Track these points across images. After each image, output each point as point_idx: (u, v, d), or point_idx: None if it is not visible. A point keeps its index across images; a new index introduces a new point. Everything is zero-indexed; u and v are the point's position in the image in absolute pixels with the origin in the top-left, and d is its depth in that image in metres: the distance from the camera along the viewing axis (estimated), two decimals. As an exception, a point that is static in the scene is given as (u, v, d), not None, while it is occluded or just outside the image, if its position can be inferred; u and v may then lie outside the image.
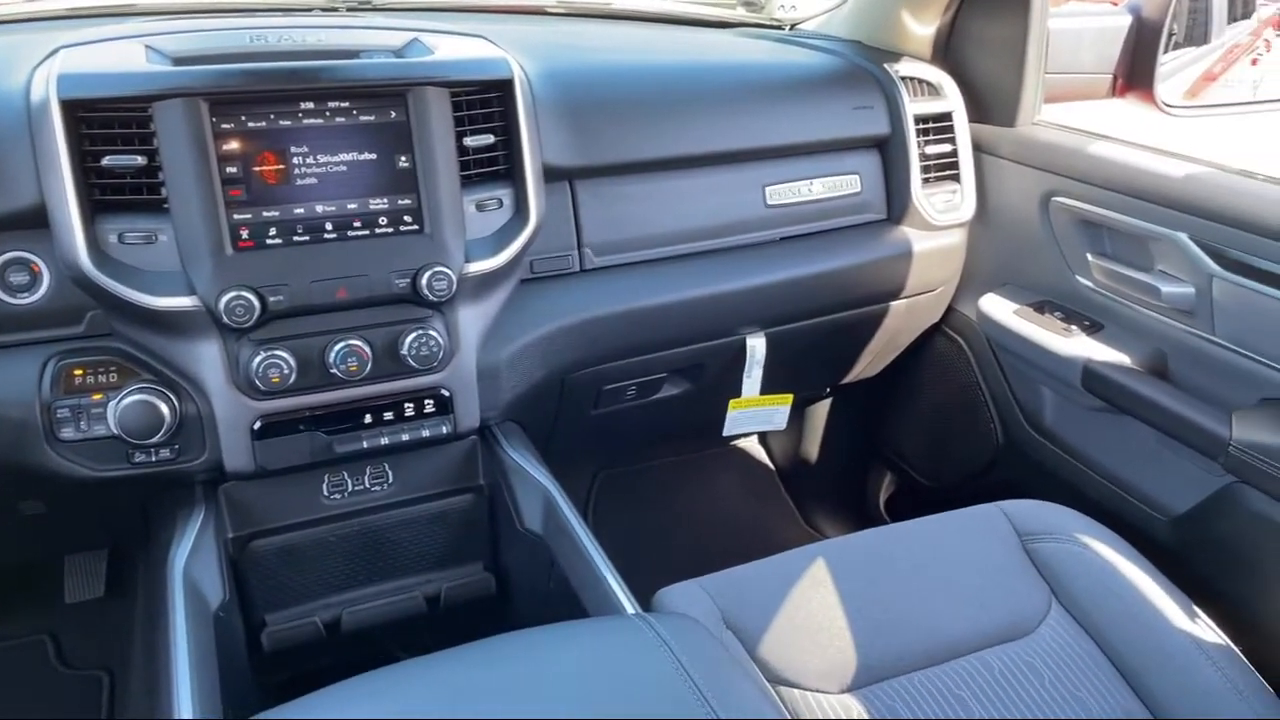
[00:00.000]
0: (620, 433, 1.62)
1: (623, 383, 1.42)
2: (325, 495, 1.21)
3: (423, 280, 1.09)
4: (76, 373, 1.05)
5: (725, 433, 1.61)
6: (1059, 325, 1.43)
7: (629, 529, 1.94)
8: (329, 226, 1.07)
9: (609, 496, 1.98)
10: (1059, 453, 1.49)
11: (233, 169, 1.02)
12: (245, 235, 1.04)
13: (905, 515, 1.23)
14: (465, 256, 1.13)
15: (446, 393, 1.18)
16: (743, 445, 2.17)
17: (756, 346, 1.46)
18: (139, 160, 1.00)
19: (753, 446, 2.18)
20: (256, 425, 1.10)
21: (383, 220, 1.09)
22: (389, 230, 1.10)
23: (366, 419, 1.15)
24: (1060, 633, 1.05)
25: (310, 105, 1.05)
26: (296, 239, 1.06)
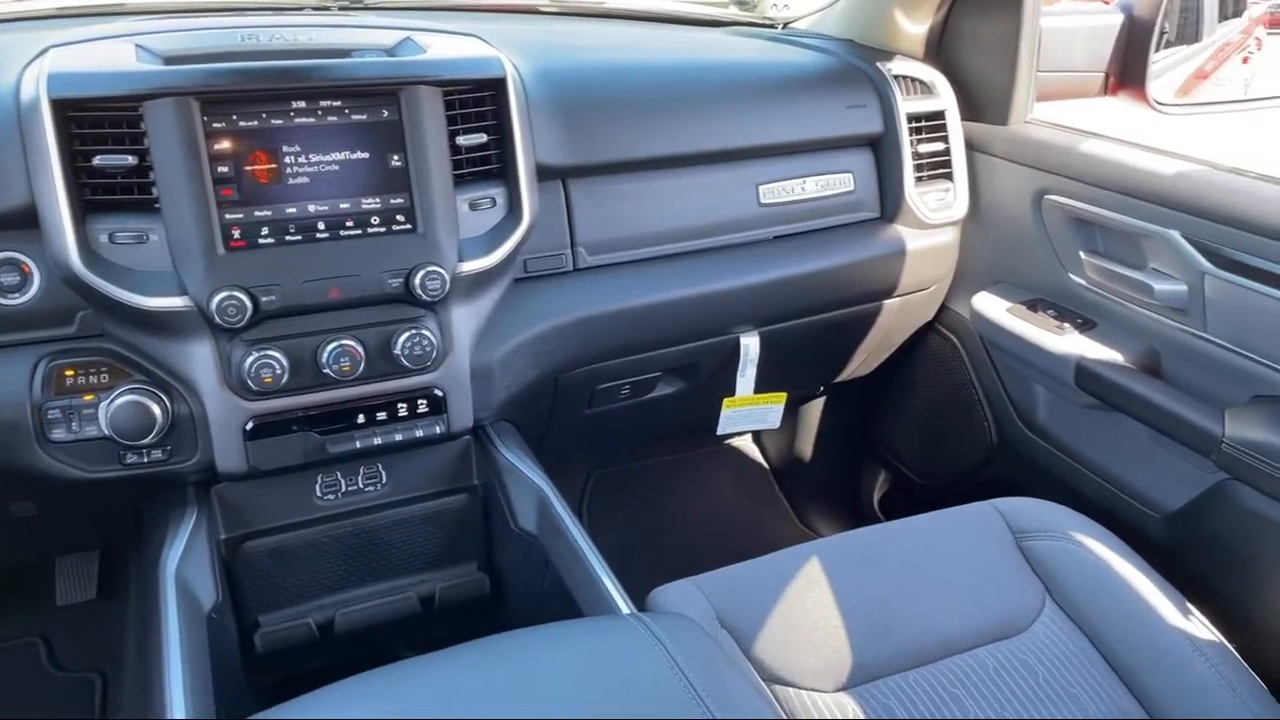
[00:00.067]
0: (614, 432, 1.62)
1: (617, 382, 1.42)
2: (318, 496, 1.21)
3: (416, 280, 1.09)
4: (68, 373, 1.05)
5: (719, 431, 1.61)
6: (1052, 323, 1.43)
7: (623, 528, 1.94)
8: (321, 226, 1.07)
9: (603, 496, 1.98)
10: (1052, 450, 1.50)
11: (224, 168, 1.02)
12: (237, 235, 1.03)
13: (899, 514, 1.23)
14: (458, 256, 1.13)
15: (440, 392, 1.17)
16: (737, 444, 2.17)
17: (750, 345, 1.46)
18: (130, 160, 0.99)
19: (747, 445, 2.18)
20: (249, 426, 1.09)
21: (375, 220, 1.09)
22: (381, 230, 1.10)
23: (359, 419, 1.14)
24: (1054, 630, 1.05)
25: (302, 104, 1.05)
26: (289, 239, 1.06)
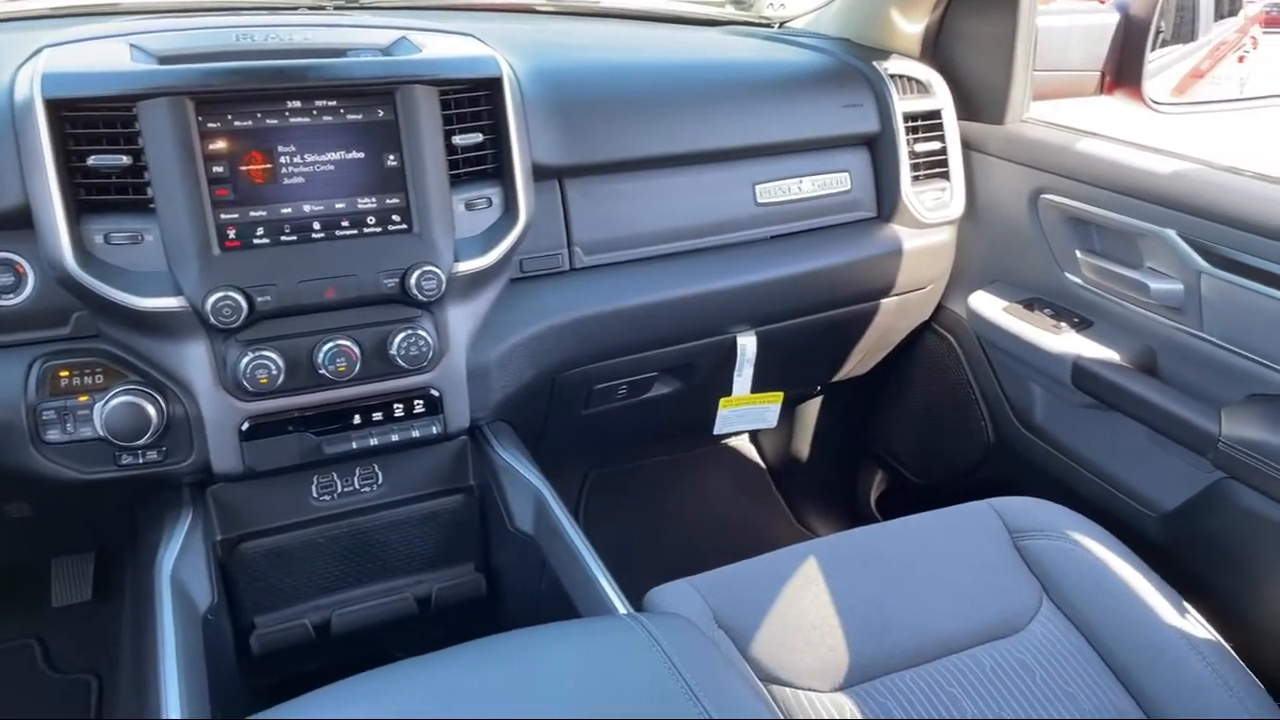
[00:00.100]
0: (611, 432, 1.62)
1: (613, 382, 1.42)
2: (314, 496, 1.21)
3: (411, 280, 1.08)
4: (62, 374, 1.04)
5: (716, 431, 1.61)
6: (1048, 322, 1.43)
7: (620, 528, 1.94)
8: (317, 226, 1.07)
9: (600, 496, 1.98)
10: (1049, 450, 1.50)
11: (219, 168, 1.02)
12: (232, 235, 1.03)
13: (896, 513, 1.23)
14: (454, 256, 1.13)
15: (436, 393, 1.17)
16: (734, 444, 2.17)
17: (747, 345, 1.46)
18: (124, 160, 0.99)
19: (744, 445, 2.18)
20: (244, 426, 1.09)
21: (371, 220, 1.09)
22: (377, 230, 1.09)
23: (355, 419, 1.14)
24: (1051, 629, 1.05)
25: (297, 104, 1.04)
26: (284, 239, 1.05)
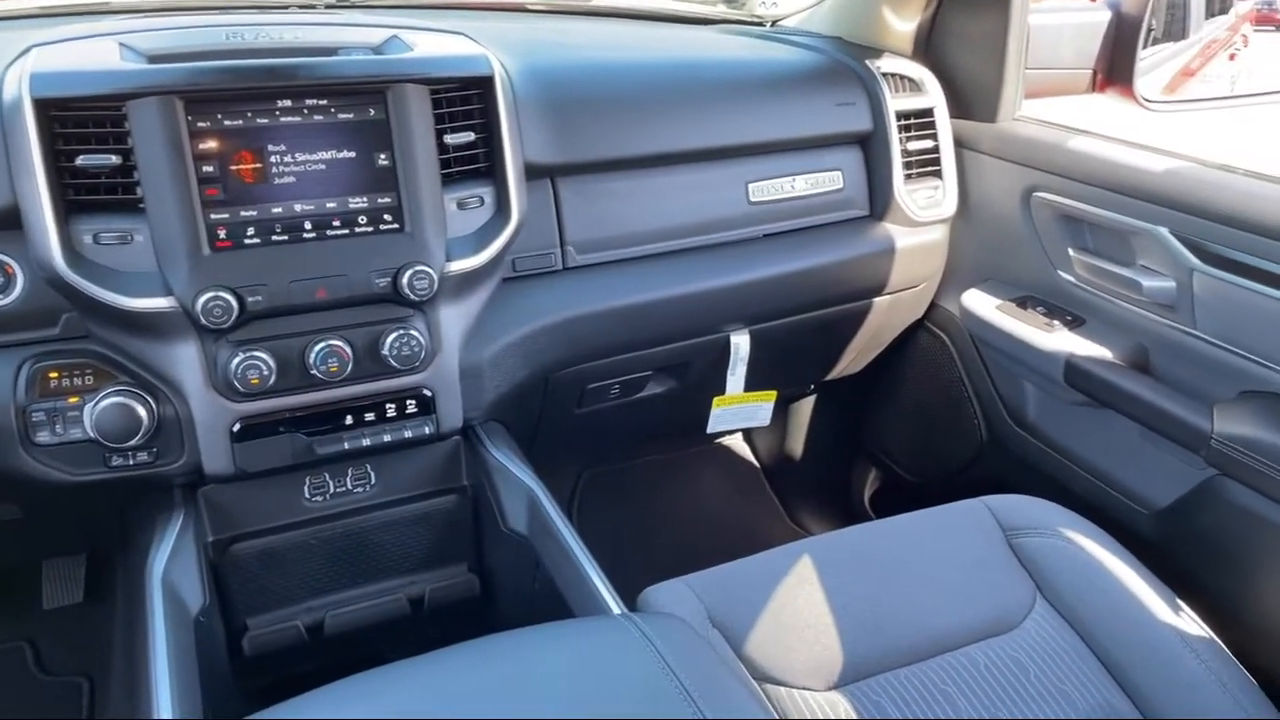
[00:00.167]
0: (604, 431, 1.62)
1: (606, 381, 1.42)
2: (306, 497, 1.20)
3: (403, 279, 1.08)
4: (52, 375, 1.04)
5: (709, 430, 1.61)
6: (1041, 320, 1.43)
7: (614, 528, 1.94)
8: (308, 226, 1.06)
9: (594, 496, 1.97)
10: (1042, 447, 1.50)
11: (209, 168, 1.01)
12: (222, 235, 1.03)
13: (890, 511, 1.23)
14: (446, 255, 1.12)
15: (429, 393, 1.17)
16: (727, 443, 2.17)
17: (740, 344, 1.46)
18: (114, 160, 0.98)
19: (737, 444, 2.18)
20: (236, 427, 1.08)
21: (362, 219, 1.08)
22: (369, 229, 1.09)
23: (348, 420, 1.14)
24: (1045, 627, 1.05)
25: (288, 103, 1.04)
26: (275, 239, 1.05)
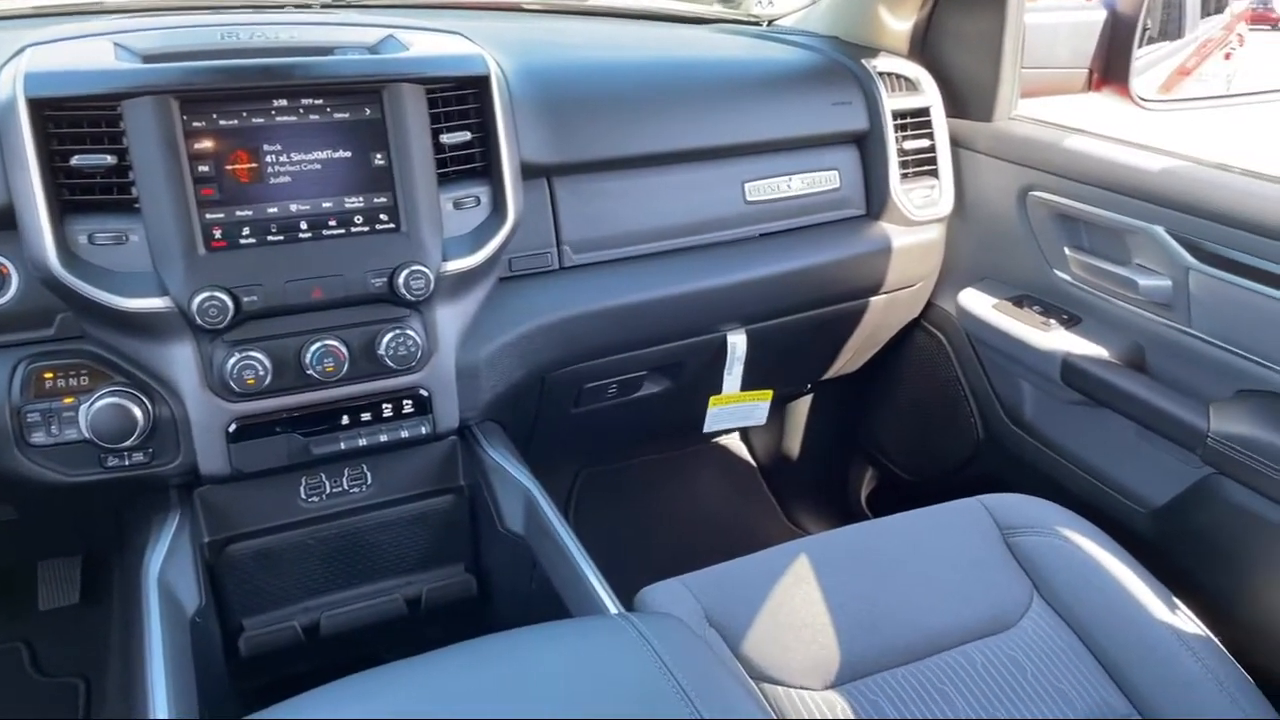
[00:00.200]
0: (601, 431, 1.62)
1: (603, 381, 1.41)
2: (303, 498, 1.20)
3: (400, 279, 1.08)
4: (47, 376, 1.03)
5: (706, 429, 1.60)
6: (1037, 319, 1.43)
7: (611, 528, 1.94)
8: (304, 225, 1.06)
9: (590, 495, 1.97)
10: (1039, 446, 1.50)
11: (204, 168, 1.01)
12: (218, 235, 1.02)
13: (886, 510, 1.23)
14: (443, 255, 1.12)
15: (425, 393, 1.17)
16: (724, 442, 2.17)
17: (737, 343, 1.45)
18: (109, 159, 0.98)
19: (734, 443, 2.18)
20: (232, 427, 1.08)
21: (358, 219, 1.08)
22: (365, 229, 1.09)
23: (344, 420, 1.14)
24: (1042, 626, 1.05)
25: (283, 103, 1.03)
26: (270, 238, 1.04)
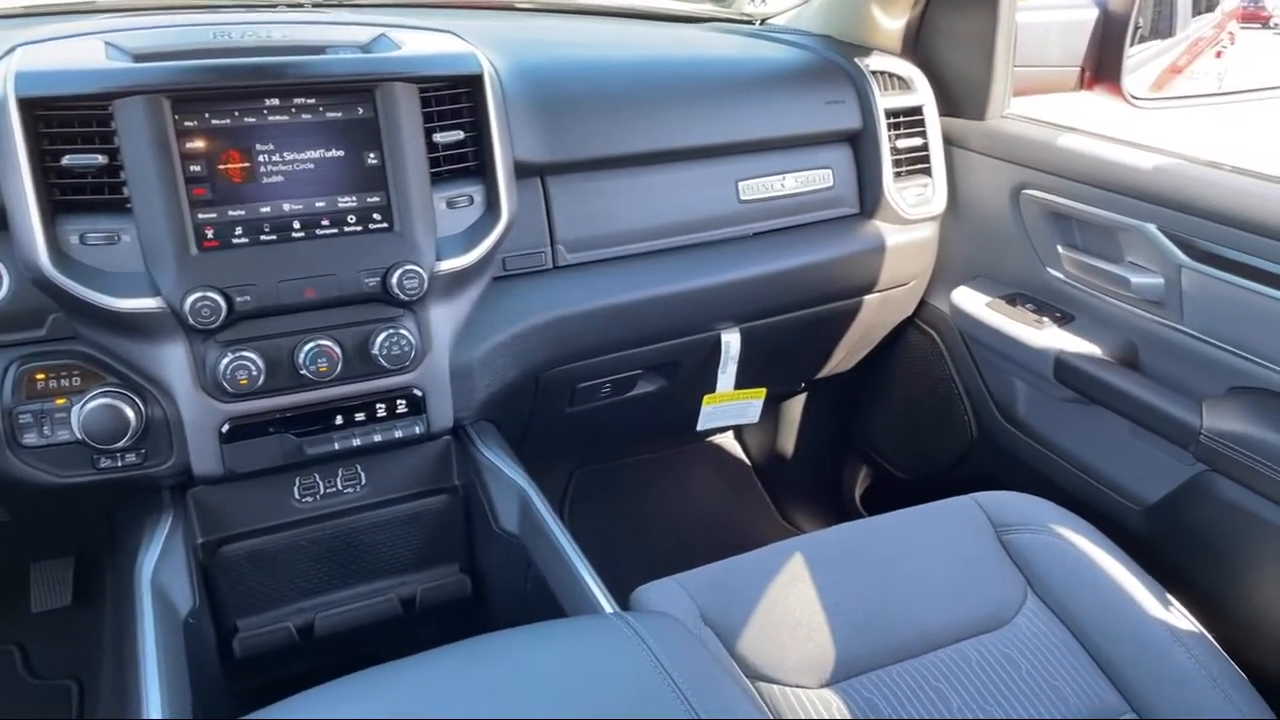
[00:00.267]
0: (595, 430, 1.62)
1: (597, 380, 1.41)
2: (296, 498, 1.20)
3: (393, 279, 1.08)
4: (38, 377, 1.03)
5: (699, 428, 1.60)
6: (1030, 317, 1.44)
7: (606, 527, 1.93)
8: (296, 225, 1.06)
9: (585, 495, 1.97)
10: (1032, 444, 1.50)
11: (196, 167, 1.01)
12: (210, 235, 1.02)
13: (881, 508, 1.23)
14: (436, 254, 1.12)
15: (419, 392, 1.16)
16: (718, 441, 2.17)
17: (731, 342, 1.46)
18: (100, 159, 0.98)
19: (728, 442, 2.18)
20: (225, 428, 1.08)
21: (351, 218, 1.08)
22: (358, 229, 1.08)
23: (338, 420, 1.13)
24: (1036, 623, 1.05)
25: (275, 102, 1.03)
26: (263, 238, 1.04)
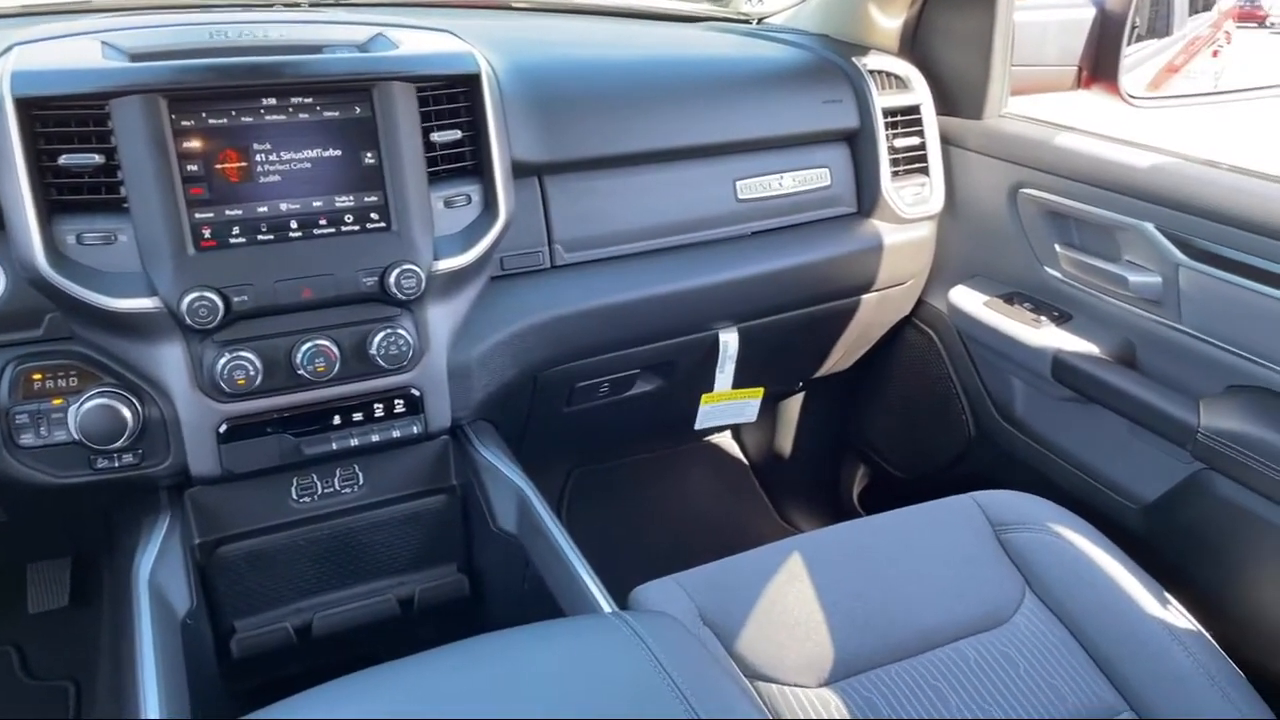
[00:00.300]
0: (593, 430, 1.62)
1: (595, 380, 1.41)
2: (294, 498, 1.19)
3: (391, 278, 1.07)
4: (35, 377, 1.02)
5: (697, 427, 1.60)
6: (1028, 316, 1.44)
7: (604, 527, 1.93)
8: (294, 225, 1.05)
9: (583, 494, 1.97)
10: (1030, 443, 1.50)
11: (194, 167, 1.00)
12: (207, 234, 1.02)
13: (879, 508, 1.23)
14: (434, 254, 1.12)
15: (417, 392, 1.16)
16: (716, 441, 2.17)
17: (729, 342, 1.45)
18: (97, 159, 0.98)
19: (726, 442, 2.18)
20: (222, 428, 1.08)
21: (349, 218, 1.08)
22: (355, 228, 1.08)
23: (335, 420, 1.13)
24: (1034, 622, 1.05)
25: (272, 101, 1.03)
26: (260, 238, 1.04)
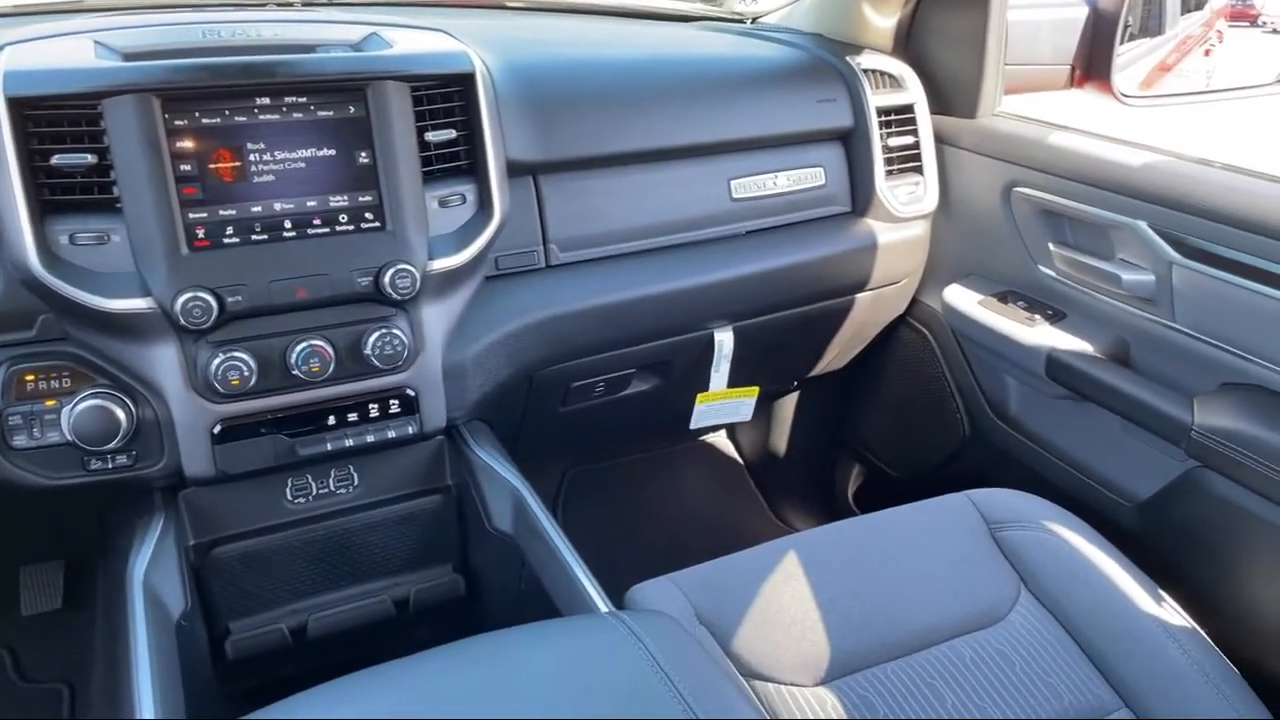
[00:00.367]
0: (589, 430, 1.62)
1: (590, 379, 1.41)
2: (289, 499, 1.19)
3: (385, 278, 1.07)
4: (28, 378, 1.02)
5: (692, 426, 1.61)
6: (1022, 315, 1.44)
7: (599, 526, 1.93)
8: (288, 225, 1.05)
9: (579, 494, 1.97)
10: (1024, 441, 1.51)
11: (187, 167, 1.00)
12: (201, 234, 1.01)
13: (874, 506, 1.23)
14: (428, 254, 1.12)
15: (411, 392, 1.16)
16: (711, 440, 2.17)
17: (724, 341, 1.46)
18: (89, 159, 0.97)
19: (721, 441, 2.18)
20: (216, 429, 1.07)
21: (343, 218, 1.08)
22: (350, 228, 1.08)
23: (330, 420, 1.13)
24: (1030, 620, 1.05)
25: (266, 101, 1.03)
26: (254, 238, 1.04)
